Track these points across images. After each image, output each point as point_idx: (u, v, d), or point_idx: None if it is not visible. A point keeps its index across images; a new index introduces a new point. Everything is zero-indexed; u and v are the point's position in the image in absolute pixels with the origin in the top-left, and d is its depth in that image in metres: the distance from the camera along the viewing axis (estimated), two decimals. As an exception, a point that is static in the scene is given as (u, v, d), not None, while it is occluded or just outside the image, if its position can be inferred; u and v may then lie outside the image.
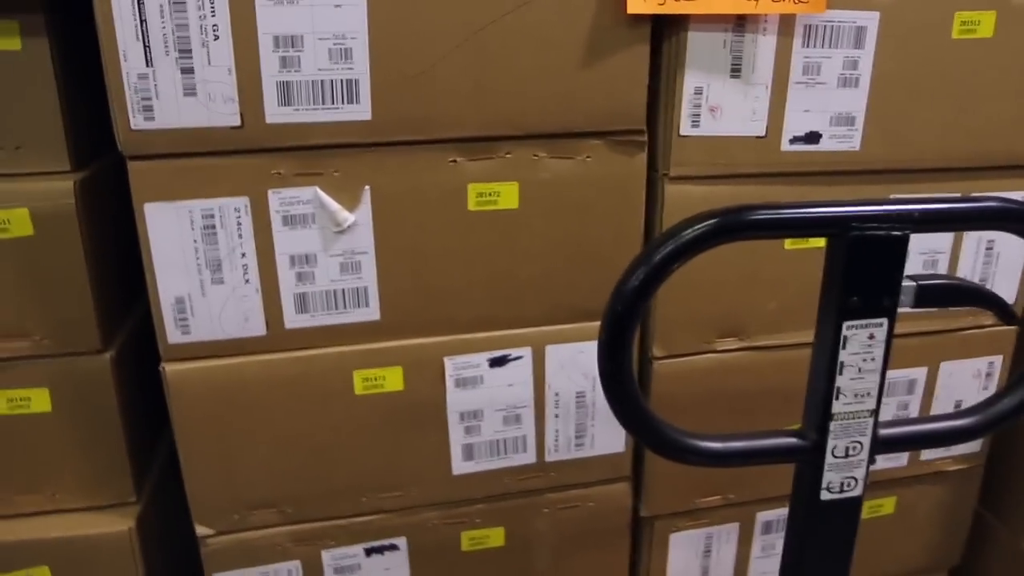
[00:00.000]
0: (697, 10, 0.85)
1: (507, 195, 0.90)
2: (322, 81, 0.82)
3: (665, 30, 0.89)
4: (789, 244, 0.98)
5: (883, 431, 0.71)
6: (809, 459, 0.70)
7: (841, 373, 0.66)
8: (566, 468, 1.02)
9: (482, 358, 0.95)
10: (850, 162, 0.96)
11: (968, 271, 1.05)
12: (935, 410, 1.11)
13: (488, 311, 0.94)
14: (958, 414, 0.75)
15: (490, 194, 0.90)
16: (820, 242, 0.97)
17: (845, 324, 0.65)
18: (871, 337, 0.66)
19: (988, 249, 1.05)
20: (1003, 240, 1.05)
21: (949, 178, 1.01)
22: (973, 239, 1.04)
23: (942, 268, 1.04)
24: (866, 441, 0.69)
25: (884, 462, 1.12)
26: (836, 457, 0.69)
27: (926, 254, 1.03)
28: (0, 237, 0.84)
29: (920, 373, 1.09)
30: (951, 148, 0.99)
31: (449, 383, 0.95)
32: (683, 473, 0.98)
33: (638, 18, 0.86)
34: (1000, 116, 0.99)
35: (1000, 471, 1.23)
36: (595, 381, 0.99)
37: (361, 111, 0.84)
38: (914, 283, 0.67)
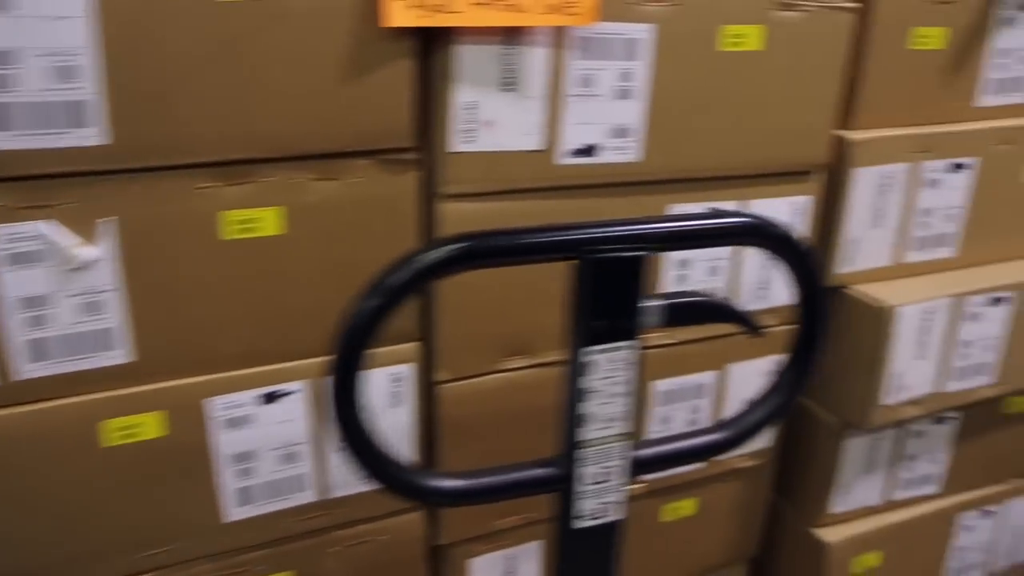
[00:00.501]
0: (461, 23, 0.84)
1: (269, 221, 0.86)
2: (44, 103, 0.75)
3: (434, 44, 0.87)
4: (573, 259, 0.99)
5: (639, 452, 0.73)
6: (563, 488, 0.71)
7: (587, 399, 0.67)
8: (352, 503, 1.00)
9: (251, 395, 0.91)
10: (630, 173, 0.98)
11: (750, 276, 1.10)
12: (727, 411, 1.17)
13: (256, 345, 0.90)
14: (712, 428, 0.79)
15: (249, 221, 0.85)
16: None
17: (589, 349, 0.66)
18: (617, 361, 0.67)
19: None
20: (781, 244, 1.10)
21: (730, 186, 1.06)
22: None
23: (723, 274, 1.08)
24: (620, 466, 0.71)
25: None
26: (589, 484, 0.70)
27: (710, 261, 1.07)
28: None
29: (709, 377, 1.14)
30: (730, 157, 1.03)
31: (216, 424, 0.90)
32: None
33: (400, 32, 0.84)
34: (775, 126, 1.04)
35: (791, 459, 1.31)
36: (377, 410, 0.96)
37: (92, 136, 0.77)
38: (663, 303, 0.68)
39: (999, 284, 1.22)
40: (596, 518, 0.73)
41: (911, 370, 1.19)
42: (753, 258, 1.10)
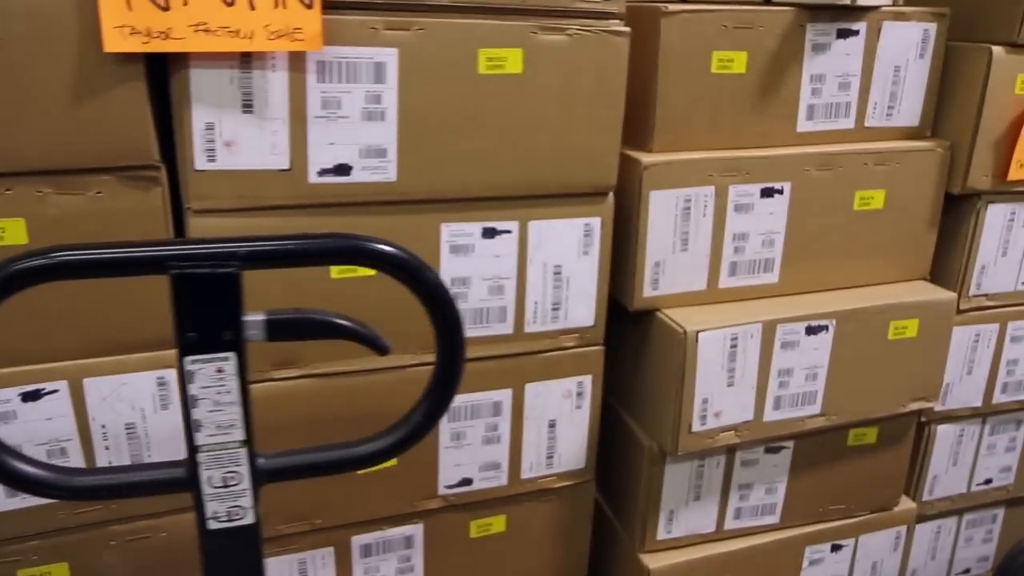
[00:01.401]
0: (182, 48, 0.91)
1: (12, 231, 0.94)
2: None
3: (171, 67, 0.94)
4: (336, 272, 1.04)
5: (269, 461, 0.78)
6: (192, 490, 0.76)
7: (196, 406, 0.72)
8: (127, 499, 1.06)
9: (12, 393, 0.99)
10: (388, 193, 1.04)
11: (539, 296, 1.13)
12: (528, 431, 1.20)
13: (17, 346, 0.98)
14: (360, 441, 0.82)
15: (-6, 231, 0.94)
16: (367, 270, 1.04)
17: (188, 359, 0.71)
18: (219, 371, 0.72)
19: (556, 274, 1.13)
20: (570, 266, 1.13)
21: (509, 206, 1.10)
22: (539, 265, 1.12)
23: (509, 294, 1.12)
24: (243, 471, 0.75)
25: (482, 481, 1.19)
26: (215, 487, 0.76)
27: (490, 280, 1.11)
28: None
29: (505, 395, 1.17)
30: (499, 179, 1.08)
31: (-22, 420, 0.98)
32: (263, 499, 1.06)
33: (128, 56, 0.91)
34: (553, 147, 1.08)
35: (621, 482, 1.32)
36: (144, 412, 1.03)
37: None
38: (263, 318, 0.73)
39: (816, 312, 1.22)
40: (232, 520, 0.78)
41: (722, 397, 1.20)
42: (541, 277, 1.14)
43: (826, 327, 1.23)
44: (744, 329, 1.19)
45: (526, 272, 1.13)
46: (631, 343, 1.29)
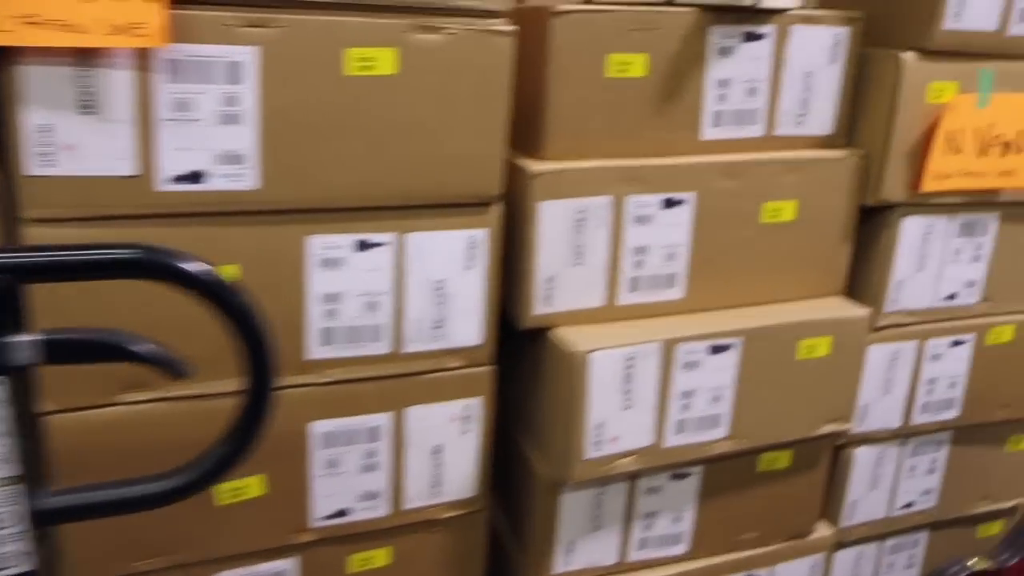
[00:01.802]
0: (8, 43, 0.83)
1: None
2: None
3: (1, 63, 0.86)
4: (192, 289, 0.97)
5: (54, 500, 0.70)
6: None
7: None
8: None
9: None
10: (248, 202, 0.97)
11: (419, 313, 1.07)
12: (410, 457, 1.13)
13: None
14: (157, 476, 0.75)
15: None
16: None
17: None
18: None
19: (438, 291, 1.07)
20: (454, 281, 1.07)
21: (385, 217, 1.03)
22: (418, 280, 1.05)
23: (385, 311, 1.05)
24: (14, 513, 0.68)
25: (360, 512, 1.13)
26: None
27: (364, 296, 1.04)
28: None
29: (383, 419, 1.11)
30: (373, 188, 1.01)
31: None
32: (110, 535, 0.98)
33: (-54, 51, 0.83)
34: (431, 154, 1.02)
35: (518, 511, 1.26)
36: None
37: None
38: (40, 338, 0.65)
39: (720, 330, 1.17)
40: (5, 568, 0.70)
41: (618, 421, 1.14)
42: (421, 293, 1.07)
43: (731, 346, 1.18)
44: (641, 349, 1.13)
45: (404, 288, 1.07)
46: (526, 363, 1.23)
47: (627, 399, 1.14)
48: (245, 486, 1.08)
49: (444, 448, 1.16)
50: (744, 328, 1.18)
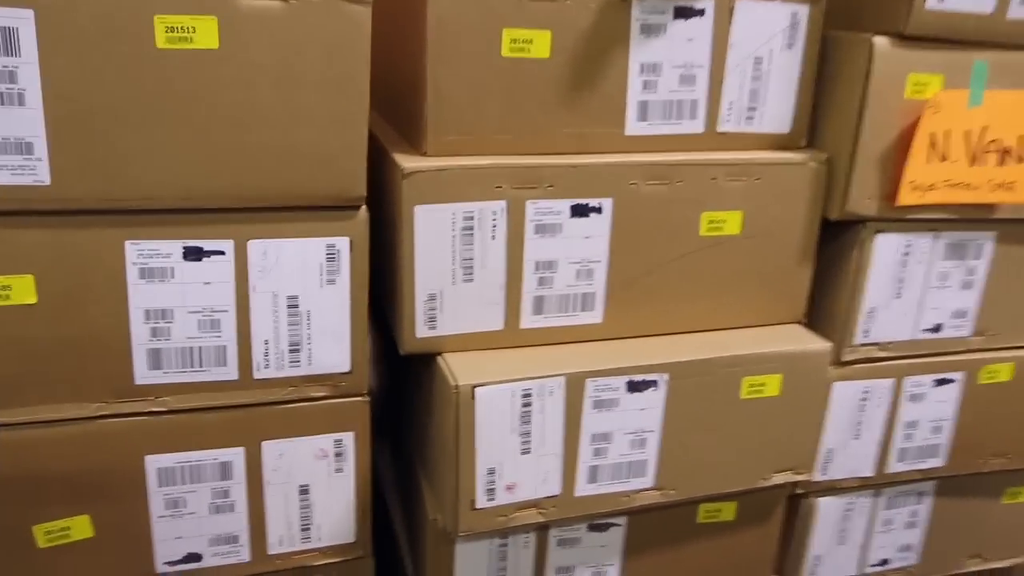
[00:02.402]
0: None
1: None
2: None
3: None
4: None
5: None
6: None
7: None
8: None
9: None
10: (40, 200, 0.78)
11: (270, 334, 0.88)
12: (271, 496, 0.95)
13: None
14: None
15: None
16: (28, 296, 0.79)
17: None
18: None
19: (292, 307, 0.87)
20: (310, 297, 0.87)
21: (210, 221, 0.85)
22: (266, 295, 0.86)
23: (228, 330, 0.87)
24: None
25: (215, 557, 0.94)
26: None
27: (198, 312, 0.85)
28: None
29: (235, 454, 0.92)
30: (201, 185, 0.82)
31: None
32: None
33: None
34: (256, 146, 0.82)
35: (416, 559, 1.07)
36: None
37: None
38: None
39: (641, 364, 0.95)
40: None
41: (515, 466, 0.93)
42: (271, 311, 0.88)
43: (655, 383, 0.96)
44: (541, 384, 0.92)
45: (248, 304, 0.87)
46: (421, 390, 1.03)
47: (525, 442, 0.93)
48: (68, 527, 0.90)
49: (312, 487, 0.96)
50: (671, 362, 0.96)
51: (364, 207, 0.87)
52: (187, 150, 0.80)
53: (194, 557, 0.95)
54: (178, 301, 0.85)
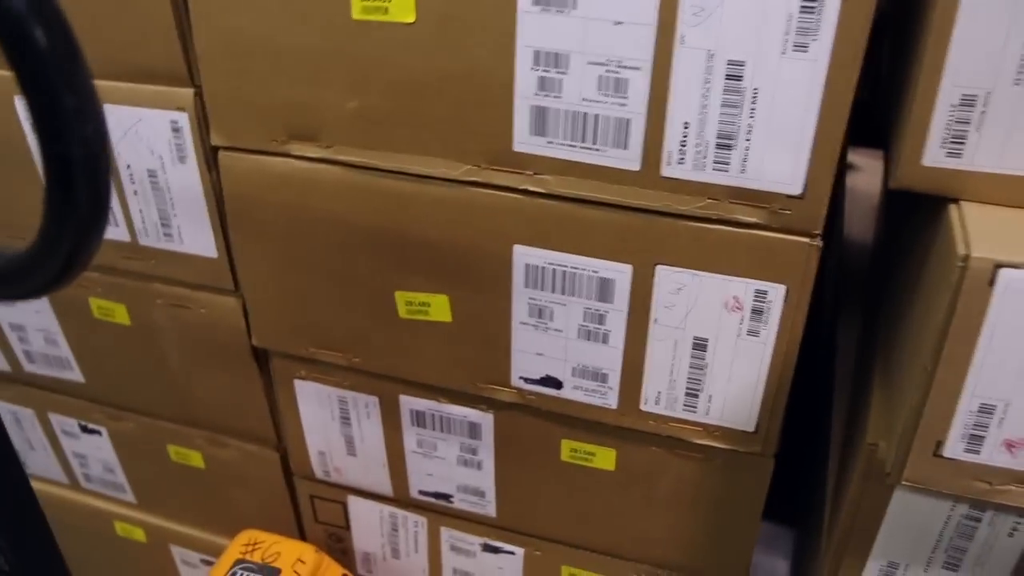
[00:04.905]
0: None
1: None
2: None
3: None
4: (359, 10, 0.59)
5: None
6: None
7: None
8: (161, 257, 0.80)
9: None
10: None
11: None
12: (655, 338, 0.65)
13: None
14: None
15: None
16: (407, 14, 0.61)
17: None
18: None
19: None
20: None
21: None
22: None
23: None
24: None
25: (577, 392, 0.70)
26: None
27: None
28: None
29: (620, 271, 0.63)
30: None
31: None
32: (287, 311, 0.77)
33: None
34: None
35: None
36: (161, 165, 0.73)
37: None
38: None
39: None
40: None
41: None
42: (702, 74, 0.53)
43: None
44: None
45: (670, 64, 0.53)
46: (914, 251, 0.62)
47: (1069, 379, 0.49)
48: (427, 303, 0.71)
49: (711, 345, 0.63)
50: None
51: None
52: None
53: (553, 382, 0.70)
54: (577, 44, 0.55)
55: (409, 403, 0.78)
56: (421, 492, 0.84)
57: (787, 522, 1.00)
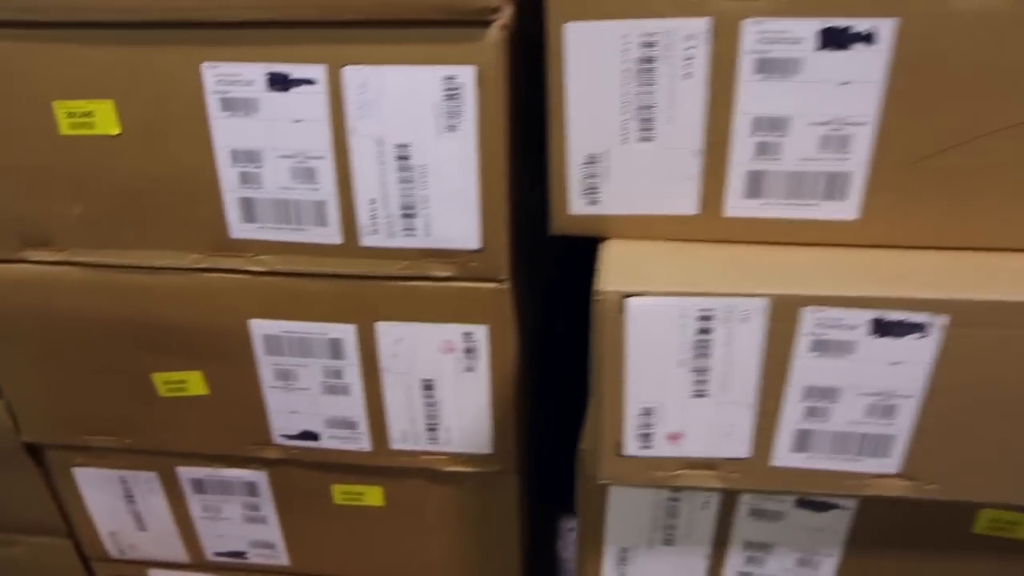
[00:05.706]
0: None
1: None
2: None
3: None
4: (66, 126, 0.61)
5: None
6: None
7: None
8: None
9: None
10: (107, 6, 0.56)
11: (377, 192, 0.60)
12: (389, 385, 0.70)
13: None
14: None
15: None
16: (111, 127, 0.62)
17: None
18: None
19: (402, 159, 0.59)
20: (426, 149, 0.58)
21: (305, 39, 0.57)
22: (367, 141, 0.59)
23: (326, 183, 0.61)
24: None
25: (333, 440, 0.74)
26: None
27: (292, 158, 0.60)
28: None
29: (345, 331, 0.68)
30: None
31: None
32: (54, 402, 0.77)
33: None
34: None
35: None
36: None
37: None
38: None
39: (907, 295, 0.53)
40: None
41: (683, 411, 0.59)
42: (376, 158, 0.59)
43: (922, 327, 0.54)
44: (730, 304, 0.55)
45: (347, 151, 0.60)
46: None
47: (700, 381, 0.58)
48: (184, 380, 0.74)
49: (437, 384, 0.69)
50: (956, 299, 0.54)
51: (500, 24, 0.55)
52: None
53: (310, 435, 0.74)
54: (267, 142, 0.60)
55: (187, 473, 0.80)
56: (216, 554, 0.86)
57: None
